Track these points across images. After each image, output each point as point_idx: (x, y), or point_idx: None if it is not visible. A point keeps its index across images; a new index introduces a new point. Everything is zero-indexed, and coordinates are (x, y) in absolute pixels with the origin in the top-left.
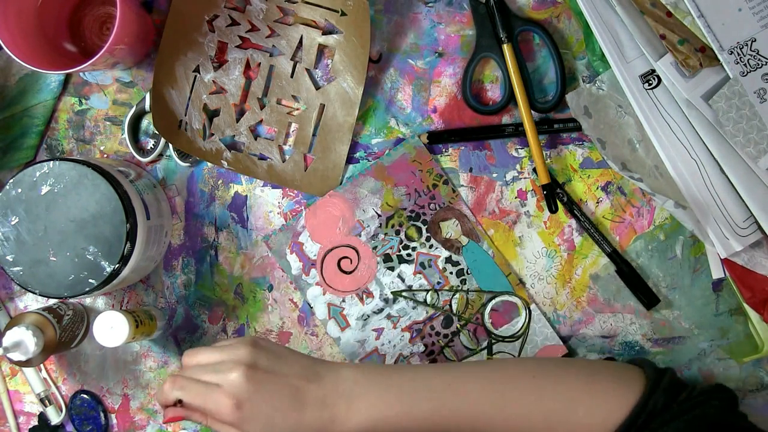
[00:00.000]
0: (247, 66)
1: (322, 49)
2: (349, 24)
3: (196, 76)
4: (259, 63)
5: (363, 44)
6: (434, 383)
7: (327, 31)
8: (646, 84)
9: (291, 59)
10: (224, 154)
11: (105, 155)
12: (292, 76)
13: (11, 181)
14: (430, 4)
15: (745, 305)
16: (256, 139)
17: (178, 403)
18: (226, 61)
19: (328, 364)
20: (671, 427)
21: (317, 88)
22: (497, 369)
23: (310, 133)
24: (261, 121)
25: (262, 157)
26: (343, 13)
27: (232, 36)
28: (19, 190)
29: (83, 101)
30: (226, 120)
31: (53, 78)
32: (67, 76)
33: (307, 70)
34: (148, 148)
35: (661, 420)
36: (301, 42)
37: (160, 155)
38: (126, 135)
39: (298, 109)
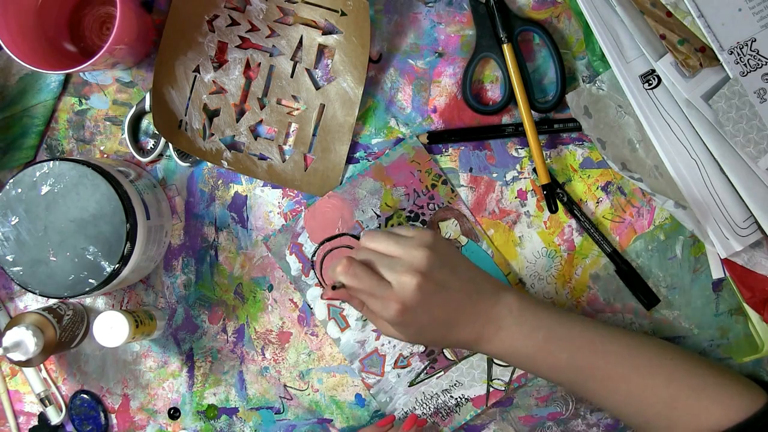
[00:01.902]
0: (247, 66)
1: (322, 49)
2: (349, 24)
3: (196, 76)
4: (259, 63)
5: (363, 44)
6: (579, 336)
7: (327, 31)
8: (646, 84)
9: (291, 59)
10: (224, 154)
11: (105, 155)
12: (292, 76)
13: (11, 181)
14: (430, 4)
15: (745, 305)
16: (256, 139)
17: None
18: (226, 61)
19: (492, 283)
20: None
21: (317, 88)
22: (639, 340)
23: (310, 133)
24: (261, 121)
25: (262, 157)
26: (343, 13)
27: (232, 36)
28: (19, 190)
29: (83, 101)
30: (226, 120)
31: (53, 78)
32: (67, 76)
33: (307, 70)
34: (148, 148)
35: None
36: (301, 42)
37: (160, 155)
38: (126, 135)
39: (298, 109)
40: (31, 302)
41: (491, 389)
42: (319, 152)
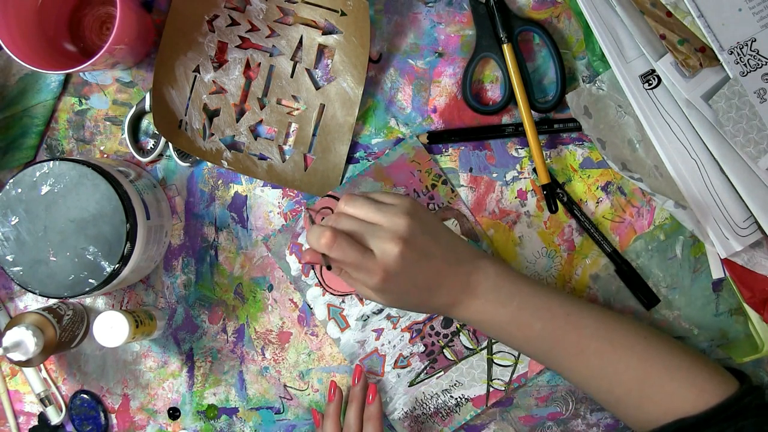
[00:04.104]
0: (247, 66)
1: (322, 49)
2: (349, 24)
3: (196, 76)
4: (259, 63)
5: (363, 44)
6: (554, 308)
7: (327, 31)
8: (646, 84)
9: (291, 59)
10: (224, 154)
11: (105, 155)
12: (292, 76)
13: (11, 181)
14: (430, 4)
15: (745, 305)
16: (256, 139)
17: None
18: (226, 61)
19: (470, 251)
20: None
21: (317, 88)
22: (615, 317)
23: (310, 133)
24: (261, 121)
25: (262, 157)
26: (343, 13)
27: (232, 36)
28: (19, 190)
29: (83, 101)
30: (226, 120)
31: (53, 78)
32: (67, 76)
33: (307, 70)
34: (148, 148)
35: (754, 416)
36: (301, 42)
37: (160, 155)
38: (126, 135)
39: (298, 109)
40: (31, 302)
41: (491, 389)
42: (319, 152)
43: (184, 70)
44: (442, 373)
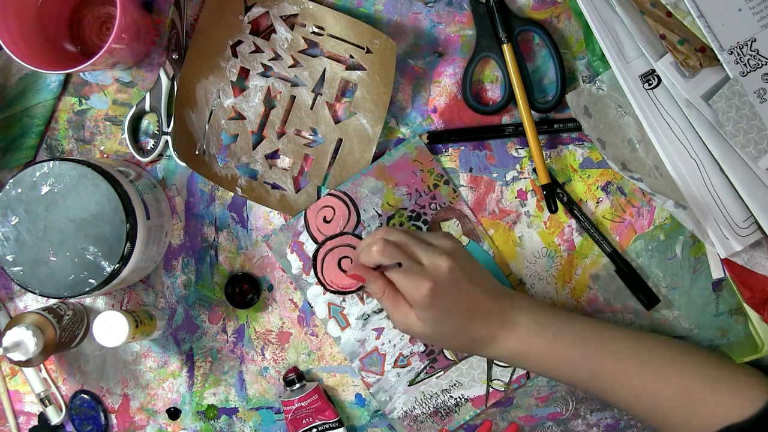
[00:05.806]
0: (268, 94)
1: (344, 84)
2: (374, 62)
3: (216, 100)
4: (280, 92)
5: (386, 83)
6: (589, 334)
7: (351, 67)
8: (646, 84)
9: (312, 91)
10: (239, 181)
11: (105, 155)
12: (311, 108)
13: (11, 181)
14: (430, 4)
15: (745, 305)
16: (270, 168)
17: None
18: (246, 88)
19: (504, 288)
20: None
21: (336, 122)
22: (648, 336)
23: (325, 166)
24: (277, 150)
25: (275, 186)
26: (369, 51)
27: (255, 63)
28: (19, 190)
29: (83, 101)
30: (242, 147)
31: (53, 78)
32: (67, 76)
33: (327, 103)
34: (148, 148)
35: None
36: (323, 75)
37: (160, 155)
38: (126, 135)
39: (315, 141)
40: (31, 302)
41: (491, 389)
42: (333, 186)
43: (204, 93)
44: (442, 372)
